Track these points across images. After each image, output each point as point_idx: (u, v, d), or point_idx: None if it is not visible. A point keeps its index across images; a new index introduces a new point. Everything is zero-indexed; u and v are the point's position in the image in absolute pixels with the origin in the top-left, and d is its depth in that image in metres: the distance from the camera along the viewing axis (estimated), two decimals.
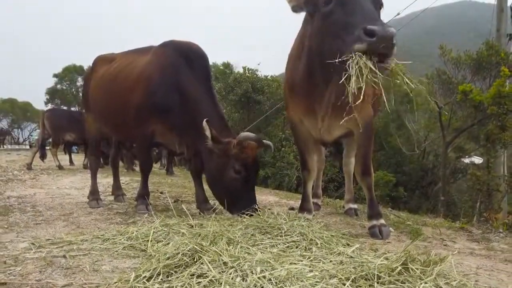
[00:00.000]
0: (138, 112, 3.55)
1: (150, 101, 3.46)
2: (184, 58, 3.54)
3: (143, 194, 3.76)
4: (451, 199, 12.43)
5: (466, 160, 13.42)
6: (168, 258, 1.93)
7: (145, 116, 3.53)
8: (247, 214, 2.94)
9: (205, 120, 3.19)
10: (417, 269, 1.74)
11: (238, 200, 3.20)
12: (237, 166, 3.21)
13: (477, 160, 12.55)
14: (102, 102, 3.99)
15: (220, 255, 1.91)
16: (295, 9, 2.77)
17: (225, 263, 1.84)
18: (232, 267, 1.80)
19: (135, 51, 4.06)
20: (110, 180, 6.57)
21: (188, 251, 1.97)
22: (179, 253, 1.97)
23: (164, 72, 3.49)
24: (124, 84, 3.69)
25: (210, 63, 3.96)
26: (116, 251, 2.30)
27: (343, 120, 2.62)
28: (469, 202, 10.67)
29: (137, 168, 10.30)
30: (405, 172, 14.45)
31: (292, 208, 4.24)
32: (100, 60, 4.34)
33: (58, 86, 37.16)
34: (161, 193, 5.40)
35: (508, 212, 9.55)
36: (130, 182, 6.91)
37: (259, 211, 3.08)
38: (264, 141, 3.58)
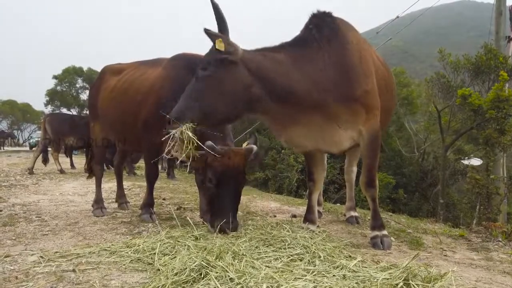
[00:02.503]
0: (149, 124, 3.57)
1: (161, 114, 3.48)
2: (194, 72, 3.54)
3: (148, 204, 3.82)
4: (450, 201, 12.50)
5: (466, 162, 13.49)
6: (176, 274, 1.99)
7: (156, 129, 3.55)
8: (219, 230, 2.86)
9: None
10: (418, 285, 1.80)
11: (212, 212, 3.11)
12: (209, 175, 3.08)
13: (476, 162, 12.62)
14: (112, 114, 4.01)
15: (227, 271, 1.96)
16: None
17: (231, 279, 1.90)
18: (239, 283, 1.86)
19: (145, 62, 4.08)
20: (112, 185, 6.63)
21: (195, 266, 2.03)
22: (186, 268, 2.03)
23: (175, 86, 3.47)
24: (135, 96, 3.72)
25: None
26: (124, 264, 2.35)
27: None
28: (469, 204, 10.75)
29: (138, 172, 10.40)
30: (405, 174, 14.52)
31: (294, 216, 4.29)
32: (109, 71, 4.34)
33: (58, 87, 37.12)
34: (164, 199, 5.45)
35: (507, 213, 9.63)
36: (132, 187, 6.96)
37: (229, 230, 2.90)
38: (246, 147, 3.27)
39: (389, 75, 3.62)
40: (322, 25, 2.89)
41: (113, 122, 4.08)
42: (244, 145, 3.37)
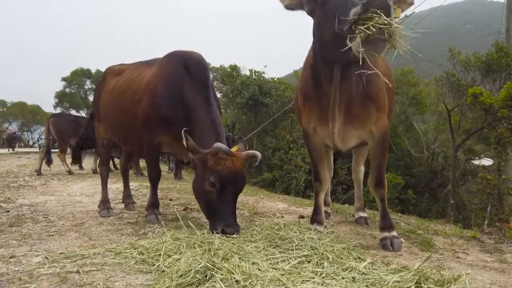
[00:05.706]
0: (145, 124, 3.59)
1: (156, 113, 3.50)
2: (185, 68, 3.55)
3: (153, 204, 3.79)
4: (460, 202, 12.31)
5: (476, 162, 13.29)
6: (180, 276, 1.95)
7: (152, 127, 3.57)
8: (221, 233, 2.82)
9: (183, 130, 3.12)
10: None
11: (213, 215, 3.05)
12: (211, 179, 2.99)
13: (487, 162, 12.43)
14: (112, 114, 4.05)
15: (232, 273, 1.91)
16: (290, 6, 2.73)
17: (237, 282, 1.85)
18: (245, 286, 1.81)
19: (143, 63, 4.11)
20: (119, 185, 6.62)
21: (200, 268, 1.99)
22: (191, 270, 1.99)
23: (168, 84, 3.52)
24: (133, 97, 3.75)
25: (218, 65, 3.96)
26: (129, 266, 2.31)
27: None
28: (480, 205, 10.57)
29: (146, 173, 10.40)
30: (414, 174, 14.36)
31: (301, 217, 4.23)
32: (111, 72, 4.40)
33: (67, 89, 37.61)
34: (170, 200, 5.43)
35: None
36: (139, 188, 6.95)
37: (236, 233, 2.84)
38: (248, 152, 3.27)
39: (389, 72, 3.55)
40: None
41: (114, 123, 4.12)
42: (234, 149, 3.29)
